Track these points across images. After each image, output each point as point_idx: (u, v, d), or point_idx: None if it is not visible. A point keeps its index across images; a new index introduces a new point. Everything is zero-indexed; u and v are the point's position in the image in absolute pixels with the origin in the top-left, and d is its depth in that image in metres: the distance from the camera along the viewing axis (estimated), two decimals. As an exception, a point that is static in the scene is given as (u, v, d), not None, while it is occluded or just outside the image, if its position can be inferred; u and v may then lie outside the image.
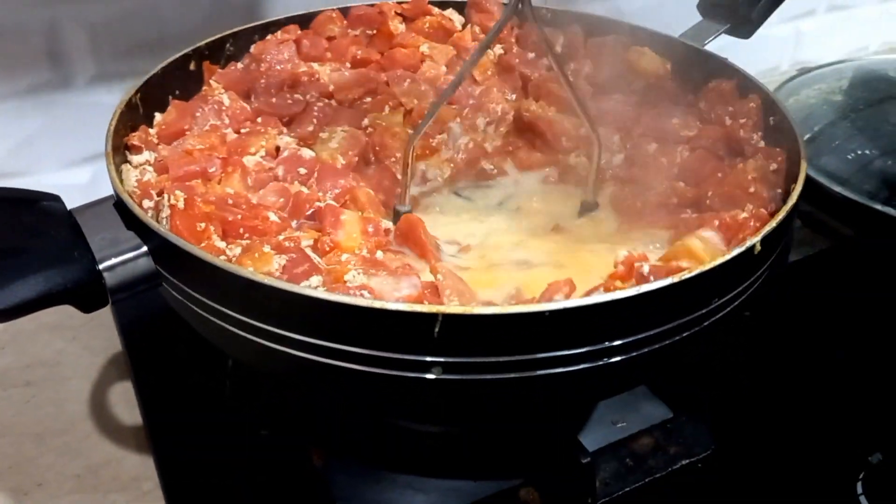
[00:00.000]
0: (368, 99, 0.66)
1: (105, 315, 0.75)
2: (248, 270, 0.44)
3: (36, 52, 0.76)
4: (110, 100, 0.80)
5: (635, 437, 0.61)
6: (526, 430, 0.58)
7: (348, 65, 0.71)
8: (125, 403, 0.68)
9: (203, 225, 0.49)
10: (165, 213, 0.50)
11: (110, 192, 0.84)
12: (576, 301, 0.42)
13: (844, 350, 0.72)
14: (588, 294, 0.47)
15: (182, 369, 0.69)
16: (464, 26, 0.76)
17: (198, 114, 0.63)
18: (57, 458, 0.63)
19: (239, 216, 0.52)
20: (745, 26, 0.72)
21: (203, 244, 0.49)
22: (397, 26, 0.73)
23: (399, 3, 0.75)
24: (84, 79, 0.79)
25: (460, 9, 0.77)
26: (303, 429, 0.61)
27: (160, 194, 0.54)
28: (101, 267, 0.46)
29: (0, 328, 0.74)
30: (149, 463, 0.62)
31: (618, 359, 0.45)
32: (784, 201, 0.54)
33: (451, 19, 0.75)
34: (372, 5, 0.75)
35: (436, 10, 0.75)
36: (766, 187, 0.56)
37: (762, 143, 0.61)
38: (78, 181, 0.83)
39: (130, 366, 0.70)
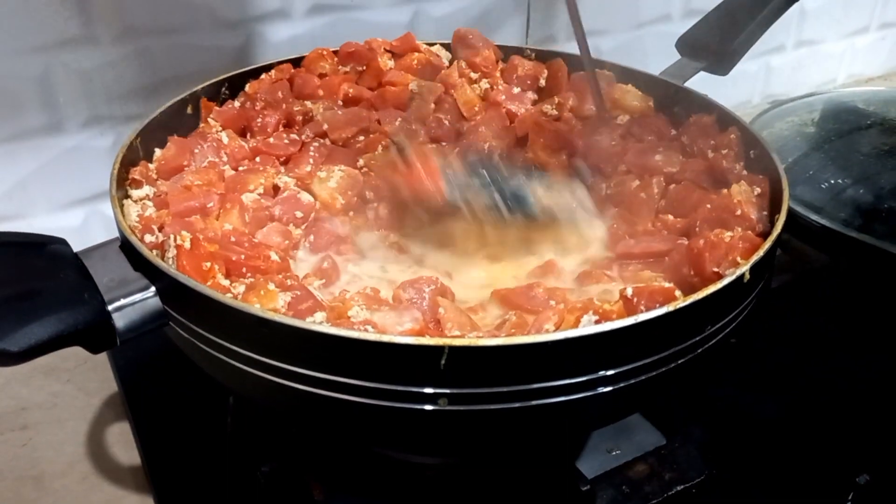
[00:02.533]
0: (362, 138, 0.68)
1: (99, 357, 0.76)
2: (258, 308, 0.45)
3: (30, 97, 0.77)
4: (102, 143, 0.82)
5: (631, 464, 0.63)
6: (526, 459, 0.59)
7: (340, 102, 0.72)
8: (122, 444, 0.68)
9: (209, 264, 0.50)
10: (171, 252, 0.51)
11: (102, 233, 0.86)
12: (579, 331, 0.44)
13: (829, 373, 0.74)
14: (577, 323, 0.48)
15: (179, 408, 0.69)
16: (451, 62, 0.78)
17: (196, 150, 0.64)
18: (56, 500, 0.63)
19: (242, 256, 0.53)
20: (722, 64, 0.75)
21: (209, 283, 0.50)
22: (386, 62, 0.75)
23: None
24: (77, 123, 0.80)
25: (446, 45, 0.80)
26: (303, 464, 0.62)
27: (161, 229, 0.56)
28: (110, 308, 0.47)
29: (-6, 372, 0.75)
30: (149, 502, 0.63)
31: (616, 386, 0.47)
32: (771, 222, 0.56)
33: (438, 55, 0.77)
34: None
35: (423, 46, 0.77)
36: (752, 209, 0.58)
37: (745, 173, 0.63)
38: (70, 224, 0.84)
39: (127, 406, 0.70)
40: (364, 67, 0.75)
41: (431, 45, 0.79)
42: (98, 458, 0.67)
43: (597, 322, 0.47)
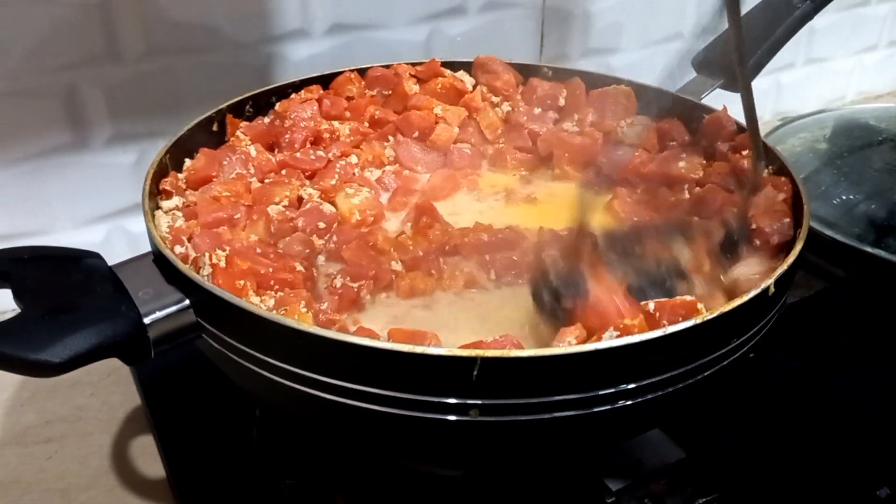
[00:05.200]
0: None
1: (123, 370, 0.76)
2: (293, 320, 0.46)
3: (55, 114, 0.78)
4: (126, 160, 0.83)
5: (653, 478, 0.63)
6: (550, 472, 0.60)
7: (366, 124, 0.74)
8: (147, 457, 0.68)
9: (242, 282, 0.51)
10: (206, 270, 0.52)
11: (124, 249, 0.87)
12: (613, 342, 0.44)
13: (847, 386, 0.74)
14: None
15: (203, 421, 0.70)
16: (474, 87, 0.79)
17: (225, 162, 0.66)
18: (83, 513, 0.63)
19: (270, 269, 0.54)
20: (737, 81, 0.76)
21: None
22: (411, 87, 0.77)
23: (413, 65, 0.79)
24: (101, 140, 0.81)
25: (469, 69, 0.81)
26: (329, 476, 0.62)
27: (190, 239, 0.57)
28: (146, 321, 0.48)
29: (19, 386, 0.75)
30: (174, 515, 0.63)
31: (644, 398, 0.48)
32: (796, 227, 0.57)
33: (462, 80, 0.78)
34: (388, 66, 0.79)
35: (448, 71, 0.79)
36: (767, 221, 0.58)
37: (767, 173, 0.63)
38: (92, 239, 0.85)
39: (151, 419, 0.71)
40: (390, 91, 0.77)
41: (455, 69, 0.80)
42: (123, 470, 0.67)
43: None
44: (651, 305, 0.49)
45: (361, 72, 0.79)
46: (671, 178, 0.66)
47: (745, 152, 0.66)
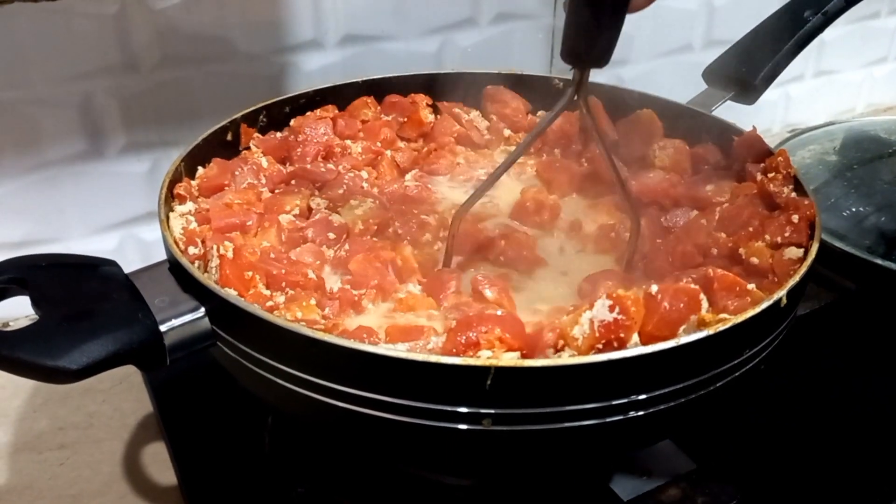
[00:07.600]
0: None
1: (134, 377, 0.77)
2: (308, 328, 0.46)
3: (71, 123, 0.79)
4: (139, 169, 0.84)
5: (663, 488, 0.63)
6: (560, 481, 0.60)
7: (378, 144, 0.75)
8: (159, 464, 0.69)
9: (250, 273, 0.52)
10: (214, 262, 0.52)
11: (136, 257, 0.88)
12: (625, 353, 0.45)
13: (858, 398, 0.74)
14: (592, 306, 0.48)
15: (215, 428, 0.70)
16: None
17: (237, 172, 0.66)
18: (95, 519, 0.64)
19: (283, 270, 0.55)
20: (749, 93, 0.76)
21: (251, 291, 0.52)
22: (427, 115, 0.78)
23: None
24: (115, 149, 0.82)
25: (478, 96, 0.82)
26: (340, 485, 0.62)
27: (203, 242, 0.57)
28: (162, 328, 0.49)
29: (31, 392, 0.76)
30: (186, 522, 0.64)
31: (656, 409, 0.48)
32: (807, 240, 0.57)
33: (476, 128, 0.80)
34: (406, 95, 0.80)
35: (464, 116, 0.79)
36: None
37: (794, 195, 0.63)
38: (104, 247, 0.86)
39: (163, 426, 0.71)
40: (406, 119, 0.78)
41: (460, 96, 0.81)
42: (135, 477, 0.68)
43: (610, 308, 0.47)
44: (654, 288, 0.49)
45: (374, 84, 0.79)
46: (697, 200, 0.67)
47: (772, 175, 0.65)
